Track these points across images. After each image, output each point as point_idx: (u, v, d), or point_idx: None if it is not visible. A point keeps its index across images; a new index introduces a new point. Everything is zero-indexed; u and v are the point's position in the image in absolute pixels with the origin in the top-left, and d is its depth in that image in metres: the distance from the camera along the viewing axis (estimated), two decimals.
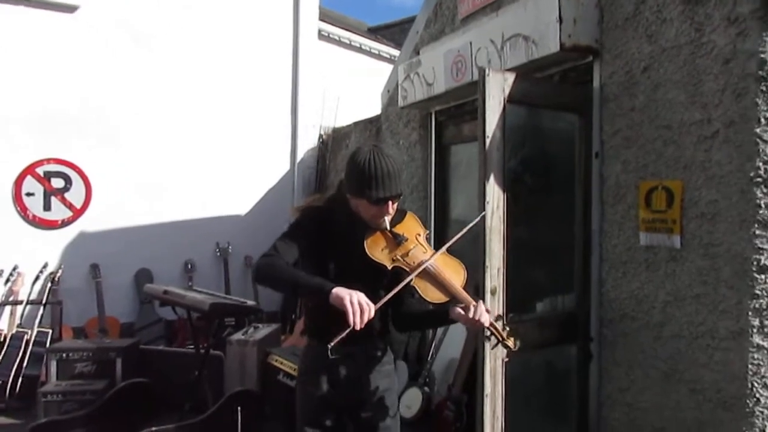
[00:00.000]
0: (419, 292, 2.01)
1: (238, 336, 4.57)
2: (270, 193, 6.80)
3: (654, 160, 2.80)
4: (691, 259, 2.63)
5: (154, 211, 6.15)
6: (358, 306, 1.78)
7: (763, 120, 2.36)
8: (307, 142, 6.97)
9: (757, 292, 2.39)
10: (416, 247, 2.09)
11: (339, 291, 1.81)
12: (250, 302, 4.17)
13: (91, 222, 5.87)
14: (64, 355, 4.29)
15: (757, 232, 2.38)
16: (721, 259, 2.51)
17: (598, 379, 3.10)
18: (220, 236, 6.45)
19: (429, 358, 4.50)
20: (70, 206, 5.77)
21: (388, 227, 2.09)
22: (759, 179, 2.37)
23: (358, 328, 1.77)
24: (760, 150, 2.37)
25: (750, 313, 2.40)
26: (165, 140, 6.18)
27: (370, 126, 5.84)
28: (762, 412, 2.39)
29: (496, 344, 2.09)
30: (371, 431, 2.22)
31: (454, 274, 2.05)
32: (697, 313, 2.61)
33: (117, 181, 5.94)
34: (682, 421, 2.68)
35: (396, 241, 2.08)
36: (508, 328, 2.07)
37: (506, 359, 2.79)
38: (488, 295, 2.72)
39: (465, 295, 2.01)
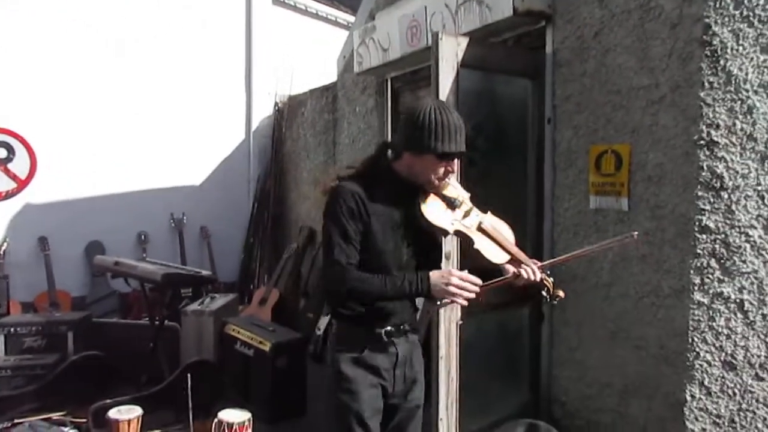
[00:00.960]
0: (482, 253, 1.90)
1: (194, 306, 4.52)
2: (225, 163, 6.68)
3: (604, 125, 2.85)
4: (638, 221, 2.71)
5: (105, 182, 5.96)
6: (463, 289, 1.77)
7: (706, 84, 2.42)
8: (263, 110, 6.85)
9: (699, 251, 2.48)
10: (472, 209, 1.97)
11: (435, 286, 1.78)
12: (205, 272, 4.13)
13: (37, 193, 5.65)
14: (11, 329, 4.17)
15: (700, 193, 2.46)
16: (666, 220, 2.59)
17: (550, 339, 3.19)
18: (174, 207, 6.32)
19: None
20: (14, 177, 5.54)
21: (457, 185, 1.97)
22: (702, 142, 2.44)
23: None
24: (704, 113, 2.43)
25: (692, 272, 2.49)
26: (115, 109, 5.96)
27: (326, 93, 5.76)
28: (701, 366, 2.51)
29: (548, 298, 1.98)
30: (416, 410, 2.08)
31: (508, 233, 1.99)
32: (642, 273, 2.70)
33: (64, 151, 5.72)
34: (627, 376, 2.78)
35: (452, 204, 1.94)
36: (552, 279, 1.98)
37: (460, 322, 2.84)
38: (443, 260, 2.74)
39: (521, 252, 1.95)
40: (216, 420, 2.92)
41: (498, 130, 3.32)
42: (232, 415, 2.95)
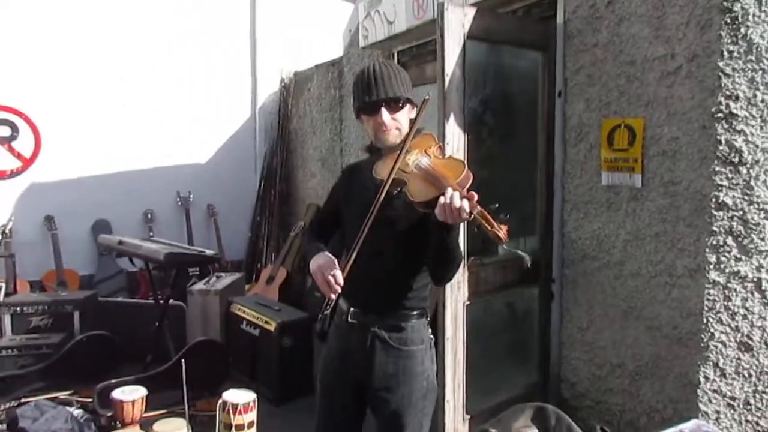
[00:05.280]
0: (409, 195, 1.66)
1: (199, 286, 4.49)
2: (231, 140, 6.60)
3: (617, 98, 2.74)
4: (652, 198, 2.61)
5: (111, 160, 5.90)
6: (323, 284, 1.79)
7: (726, 53, 2.30)
8: (268, 86, 6.74)
9: (715, 228, 2.38)
10: (420, 156, 1.75)
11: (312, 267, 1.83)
12: (210, 251, 4.07)
13: (42, 172, 5.60)
14: (18, 309, 4.15)
15: (717, 168, 2.35)
16: (681, 197, 2.49)
17: (560, 319, 3.12)
18: (180, 185, 6.27)
19: None
20: (18, 156, 5.49)
21: (410, 138, 1.74)
22: (720, 114, 2.33)
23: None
24: (722, 84, 2.32)
25: (707, 250, 2.40)
26: (121, 86, 5.88)
27: (332, 68, 5.65)
28: (716, 347, 2.43)
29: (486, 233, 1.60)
30: None
31: (451, 170, 1.66)
32: (656, 251, 2.61)
33: (69, 129, 5.64)
34: (640, 357, 2.71)
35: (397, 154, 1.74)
36: (501, 215, 1.62)
37: (467, 302, 2.77)
38: None
39: (449, 182, 1.59)
40: (221, 400, 2.89)
41: (506, 104, 3.22)
42: (237, 395, 2.90)
